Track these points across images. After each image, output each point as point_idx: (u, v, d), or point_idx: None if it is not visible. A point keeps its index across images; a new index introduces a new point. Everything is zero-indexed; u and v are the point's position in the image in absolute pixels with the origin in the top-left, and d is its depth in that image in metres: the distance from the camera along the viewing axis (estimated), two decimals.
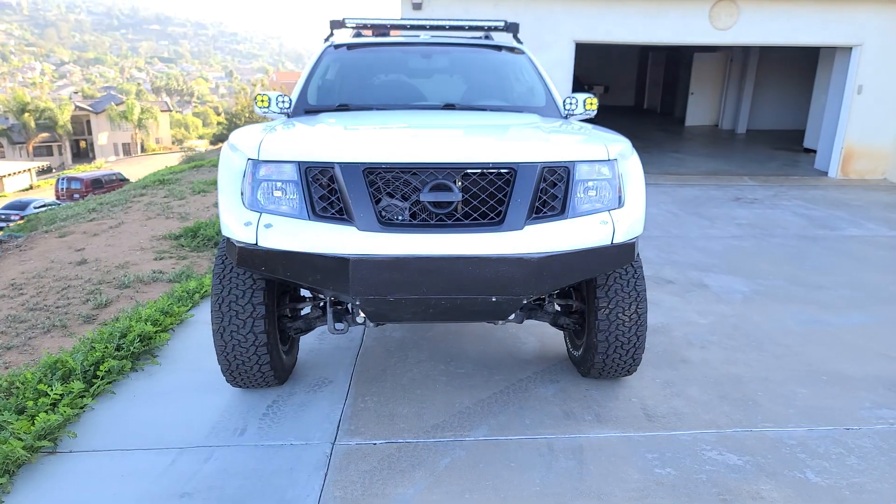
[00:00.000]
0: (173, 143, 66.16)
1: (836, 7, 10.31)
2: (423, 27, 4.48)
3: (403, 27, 4.58)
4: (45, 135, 55.52)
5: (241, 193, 2.87)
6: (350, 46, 4.33)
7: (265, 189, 2.82)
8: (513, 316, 3.35)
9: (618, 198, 2.97)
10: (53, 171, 49.58)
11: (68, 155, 58.14)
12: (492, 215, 2.74)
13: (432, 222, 2.72)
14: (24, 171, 44.89)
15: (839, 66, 11.18)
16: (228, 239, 2.89)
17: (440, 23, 4.42)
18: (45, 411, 3.12)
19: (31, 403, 3.18)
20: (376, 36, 4.62)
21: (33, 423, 2.99)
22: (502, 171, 2.75)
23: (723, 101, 17.76)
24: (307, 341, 4.12)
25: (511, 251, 2.68)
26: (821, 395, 3.51)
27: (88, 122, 59.24)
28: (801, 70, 15.74)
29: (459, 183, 2.74)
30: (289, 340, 3.61)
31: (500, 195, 2.76)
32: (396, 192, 2.75)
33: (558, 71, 9.96)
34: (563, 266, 2.77)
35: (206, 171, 14.27)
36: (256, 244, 2.76)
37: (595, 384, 3.60)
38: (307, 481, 2.74)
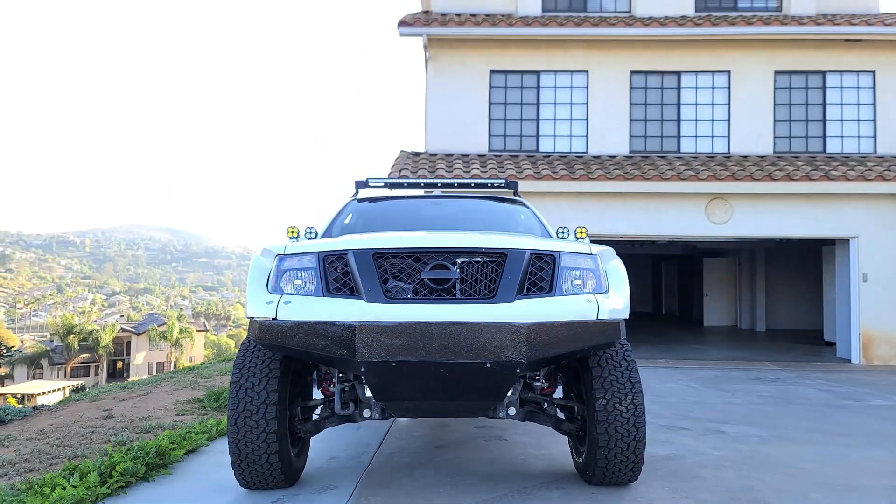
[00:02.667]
0: (205, 362, 67.60)
1: (825, 203, 11.14)
2: (434, 185, 5.27)
3: (418, 185, 5.38)
4: (85, 355, 57.54)
5: (267, 282, 3.30)
6: (371, 200, 5.07)
7: (288, 276, 3.26)
8: (513, 411, 3.50)
9: (601, 285, 3.32)
10: (87, 389, 50.37)
11: (104, 375, 59.49)
12: (485, 291, 3.10)
13: (433, 296, 3.08)
14: (58, 389, 45.89)
15: (841, 255, 11.78)
16: (251, 319, 3.25)
17: (450, 181, 5.20)
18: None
19: (48, 490, 3.28)
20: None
21: (48, 500, 3.07)
22: (494, 255, 3.17)
23: (738, 303, 18.26)
24: (316, 462, 4.17)
25: (502, 319, 2.98)
26: (835, 499, 3.40)
27: (129, 342, 61.67)
28: (809, 267, 16.43)
29: (457, 265, 3.14)
30: (299, 443, 3.72)
31: (492, 275, 3.14)
32: (401, 273, 3.15)
33: None
34: (551, 335, 3.03)
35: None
36: (276, 318, 3.11)
37: (602, 489, 3.55)
38: None
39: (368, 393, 3.36)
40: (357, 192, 5.24)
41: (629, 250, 16.69)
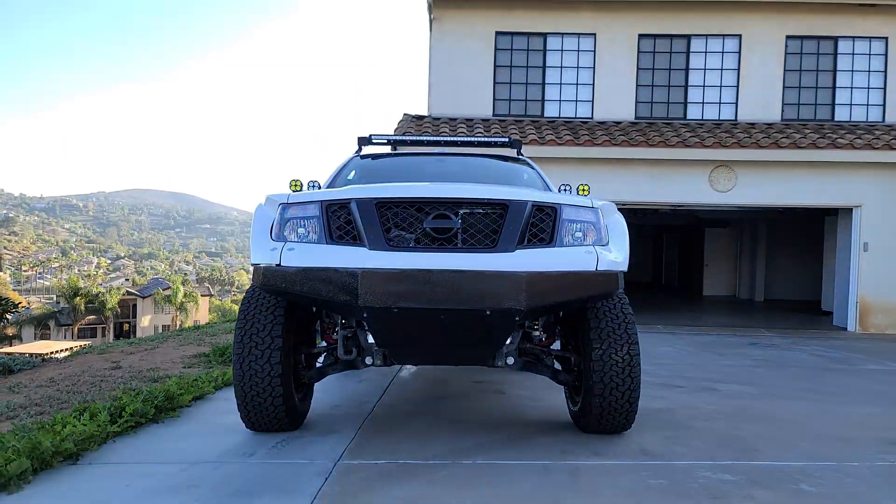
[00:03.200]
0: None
1: (830, 172, 11.11)
2: (437, 142, 5.29)
3: (421, 143, 5.40)
4: (91, 317, 58.15)
5: (270, 230, 3.36)
6: (374, 157, 5.10)
7: (292, 225, 3.32)
8: (511, 360, 3.58)
9: (601, 237, 3.37)
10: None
11: (111, 336, 60.17)
12: (486, 241, 3.16)
13: (434, 245, 3.14)
14: (66, 349, 46.50)
15: (843, 224, 11.79)
16: (256, 266, 3.32)
17: (453, 139, 5.22)
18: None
19: (59, 427, 3.40)
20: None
21: (59, 435, 3.19)
22: (496, 206, 3.22)
23: (737, 273, 18.34)
24: (319, 410, 4.28)
25: (503, 268, 3.04)
26: (825, 448, 3.51)
27: (135, 305, 62.24)
28: (810, 238, 16.46)
29: (459, 216, 3.20)
30: (303, 388, 3.83)
31: (494, 226, 3.19)
32: (404, 223, 3.21)
33: None
34: (550, 284, 3.10)
35: None
36: (280, 264, 3.18)
37: (596, 435, 3.66)
38: (308, 481, 2.85)
39: (371, 339, 3.44)
40: (360, 149, 5.27)
41: (631, 220, 16.66)
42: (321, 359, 3.93)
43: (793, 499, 2.66)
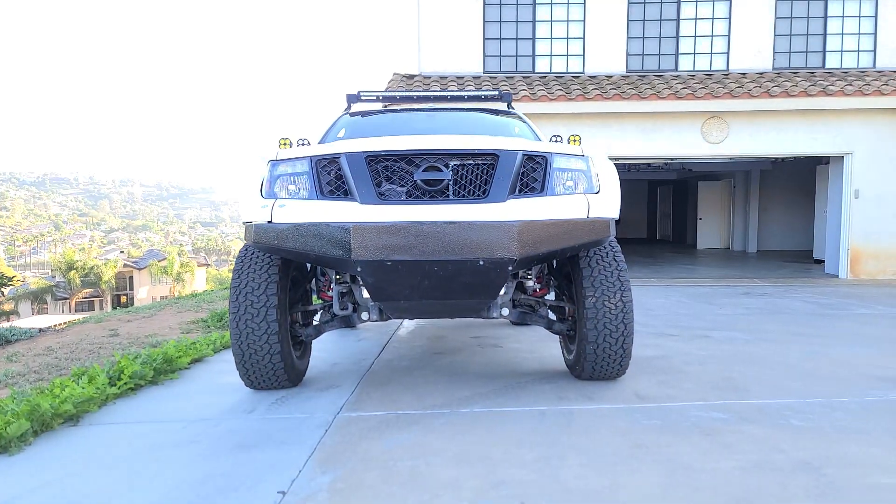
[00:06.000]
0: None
1: (822, 120, 11.10)
2: (427, 98, 5.23)
3: (411, 98, 5.34)
4: (88, 290, 58.16)
5: (261, 188, 3.33)
6: (364, 114, 5.04)
7: (282, 182, 3.30)
8: (506, 311, 3.61)
9: (592, 186, 3.36)
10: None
11: (108, 309, 60.29)
12: (478, 192, 3.15)
13: (425, 198, 3.13)
14: (65, 323, 46.69)
15: (834, 172, 11.80)
16: (247, 224, 3.31)
17: (442, 94, 5.15)
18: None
19: (58, 391, 3.43)
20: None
21: (59, 398, 3.22)
22: (486, 156, 3.20)
23: (731, 226, 18.41)
24: (319, 367, 4.34)
25: (494, 218, 3.04)
26: (814, 386, 3.58)
27: (131, 277, 62.21)
28: (802, 188, 16.49)
29: (449, 167, 3.18)
30: (301, 346, 3.87)
31: (485, 176, 3.18)
32: (394, 176, 3.19)
33: None
34: (542, 232, 3.10)
35: None
36: (271, 221, 3.17)
37: (591, 382, 3.73)
38: (308, 433, 2.90)
39: (366, 294, 3.46)
40: (349, 107, 5.20)
41: (625, 175, 16.62)
42: (317, 316, 3.96)
43: (782, 432, 2.73)
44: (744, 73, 11.89)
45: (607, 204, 3.34)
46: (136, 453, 2.73)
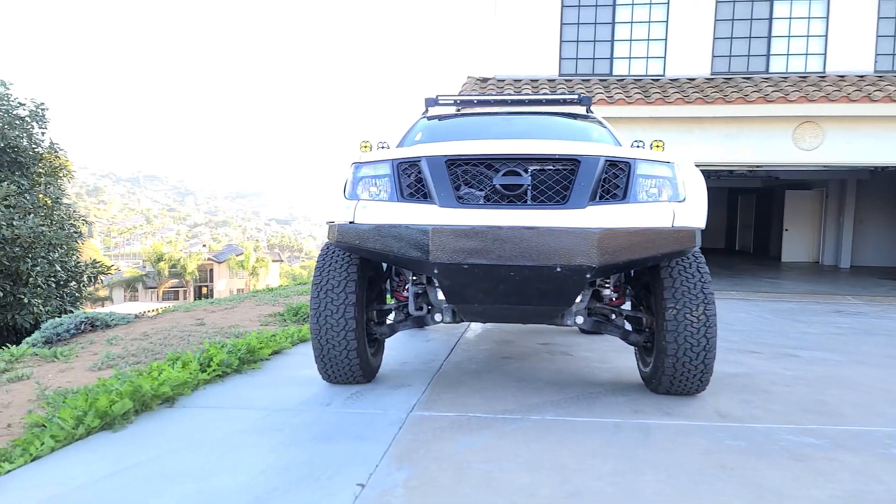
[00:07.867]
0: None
1: None
2: (505, 101, 5.21)
3: (488, 102, 5.34)
4: (174, 281, 61.58)
5: (344, 189, 3.43)
6: (441, 117, 5.08)
7: (364, 184, 3.38)
8: (581, 319, 3.55)
9: (677, 193, 3.26)
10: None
11: (191, 298, 63.59)
12: (557, 198, 3.12)
13: (504, 202, 3.13)
14: (153, 311, 49.67)
15: None
16: (331, 224, 3.41)
17: (520, 97, 5.13)
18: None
19: (156, 374, 3.65)
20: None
21: (157, 381, 3.43)
22: (567, 161, 3.16)
23: (821, 238, 17.36)
24: (390, 365, 4.41)
25: (574, 224, 3.00)
26: None
27: (211, 270, 65.43)
28: None
29: (529, 172, 3.16)
30: (375, 344, 3.95)
31: (565, 182, 3.14)
32: (473, 180, 3.20)
33: None
34: (623, 241, 3.03)
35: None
36: (353, 221, 3.26)
37: (669, 396, 3.61)
38: (383, 430, 2.96)
39: (440, 296, 3.49)
40: (427, 110, 5.26)
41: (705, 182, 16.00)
42: (391, 316, 4.03)
43: (882, 462, 2.55)
44: (842, 76, 11.20)
45: (693, 213, 3.23)
46: (226, 436, 2.87)
